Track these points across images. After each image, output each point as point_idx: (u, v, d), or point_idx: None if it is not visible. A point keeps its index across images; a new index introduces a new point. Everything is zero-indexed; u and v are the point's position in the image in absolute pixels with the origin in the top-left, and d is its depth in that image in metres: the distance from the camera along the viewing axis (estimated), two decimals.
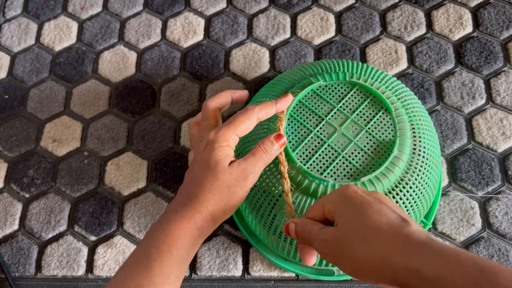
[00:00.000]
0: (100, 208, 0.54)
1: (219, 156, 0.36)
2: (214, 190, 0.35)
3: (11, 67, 0.63)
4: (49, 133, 0.58)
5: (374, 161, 0.40)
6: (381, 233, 0.28)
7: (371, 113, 0.42)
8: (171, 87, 0.60)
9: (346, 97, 0.43)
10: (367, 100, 0.43)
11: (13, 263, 0.52)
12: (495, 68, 0.57)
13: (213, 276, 0.50)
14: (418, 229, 0.27)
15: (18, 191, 0.56)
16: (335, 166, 0.40)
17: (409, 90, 0.47)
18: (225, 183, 0.35)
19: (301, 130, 0.42)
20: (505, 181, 0.52)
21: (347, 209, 0.30)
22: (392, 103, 0.42)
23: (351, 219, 0.30)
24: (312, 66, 0.47)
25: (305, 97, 0.44)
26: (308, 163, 0.41)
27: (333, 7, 0.63)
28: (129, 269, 0.34)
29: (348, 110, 0.43)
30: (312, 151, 0.41)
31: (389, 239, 0.27)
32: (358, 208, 0.30)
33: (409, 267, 0.26)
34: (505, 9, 0.60)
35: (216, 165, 0.35)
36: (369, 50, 0.60)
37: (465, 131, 0.54)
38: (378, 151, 0.41)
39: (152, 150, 0.56)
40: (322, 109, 0.43)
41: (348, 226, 0.29)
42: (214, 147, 0.36)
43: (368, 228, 0.28)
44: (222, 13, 0.64)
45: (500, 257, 0.48)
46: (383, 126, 0.42)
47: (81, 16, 0.65)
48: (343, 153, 0.41)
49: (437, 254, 0.25)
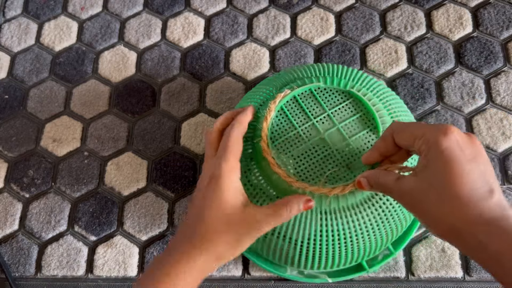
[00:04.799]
0: (100, 208, 0.54)
1: (228, 193, 0.35)
2: (223, 233, 0.34)
3: (11, 67, 0.63)
4: (49, 133, 0.58)
5: (346, 173, 0.40)
6: (459, 201, 0.28)
7: (359, 127, 0.42)
8: (171, 87, 0.60)
9: (340, 105, 0.43)
10: (360, 113, 0.42)
11: (13, 263, 0.52)
12: (495, 68, 0.57)
13: (213, 276, 0.50)
14: (498, 202, 0.28)
15: (18, 191, 0.56)
16: (306, 167, 0.40)
17: (408, 111, 0.46)
18: (236, 228, 0.34)
19: (286, 125, 0.42)
20: (505, 181, 0.52)
21: (434, 163, 0.29)
22: (383, 123, 0.41)
23: (433, 176, 0.29)
24: (310, 68, 0.47)
25: (301, 94, 0.44)
26: (282, 158, 0.41)
27: (333, 7, 0.63)
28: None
29: (338, 118, 0.42)
30: (290, 147, 0.41)
31: (465, 208, 0.28)
32: (446, 165, 0.28)
33: (475, 238, 0.27)
34: (505, 9, 0.60)
35: (227, 203, 0.34)
36: (369, 50, 0.60)
37: (465, 131, 0.54)
38: (354, 165, 0.40)
39: (152, 150, 0.56)
40: (314, 111, 0.43)
41: (428, 182, 0.29)
42: (220, 182, 0.35)
43: (448, 190, 0.28)
44: (222, 13, 0.64)
45: None
46: (367, 143, 0.41)
47: (81, 16, 0.66)
48: (318, 157, 0.41)
49: (503, 232, 0.27)
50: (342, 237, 0.40)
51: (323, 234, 0.40)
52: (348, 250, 0.42)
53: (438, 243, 0.49)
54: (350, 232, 0.40)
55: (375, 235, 0.41)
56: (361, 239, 0.41)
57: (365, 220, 0.40)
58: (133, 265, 0.51)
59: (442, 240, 0.49)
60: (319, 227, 0.39)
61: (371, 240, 0.42)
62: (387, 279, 0.48)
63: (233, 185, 0.35)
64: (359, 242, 0.41)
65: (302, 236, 0.40)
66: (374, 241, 0.42)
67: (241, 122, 0.38)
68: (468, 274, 0.48)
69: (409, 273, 0.49)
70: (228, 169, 0.35)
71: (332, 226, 0.39)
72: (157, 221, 0.53)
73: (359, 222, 0.40)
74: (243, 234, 0.34)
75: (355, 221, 0.39)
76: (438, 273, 0.48)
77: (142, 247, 0.52)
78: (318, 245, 0.41)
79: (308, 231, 0.40)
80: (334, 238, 0.40)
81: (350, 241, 0.41)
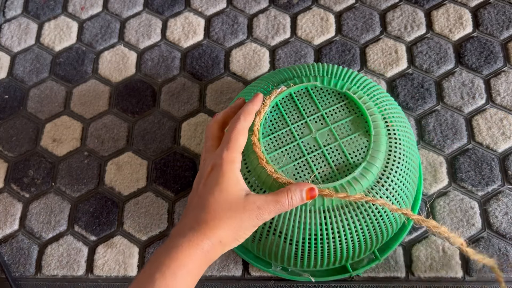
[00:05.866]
0: (100, 208, 0.54)
1: (230, 182, 0.35)
2: (226, 218, 0.34)
3: (11, 67, 0.63)
4: (49, 133, 0.58)
5: (333, 174, 0.40)
6: None
7: (351, 129, 0.42)
8: (171, 87, 0.60)
9: (335, 106, 0.43)
10: (353, 116, 0.42)
11: (13, 263, 0.52)
12: (495, 68, 0.57)
13: (213, 276, 0.50)
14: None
15: (18, 191, 0.56)
16: (295, 165, 0.40)
17: (405, 117, 0.46)
18: (238, 214, 0.35)
19: (279, 121, 0.42)
20: (505, 181, 0.52)
21: None
22: (376, 127, 0.41)
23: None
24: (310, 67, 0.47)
25: (297, 92, 0.44)
26: (271, 154, 0.41)
27: (333, 7, 0.63)
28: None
29: (331, 119, 0.42)
30: (281, 144, 0.41)
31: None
32: None
33: None
34: (505, 9, 0.60)
35: (228, 191, 0.35)
36: (369, 50, 0.60)
37: (465, 131, 0.54)
38: (342, 167, 0.40)
39: (152, 150, 0.56)
40: (308, 109, 0.43)
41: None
42: (222, 171, 0.35)
43: None
44: (222, 13, 0.64)
45: (500, 257, 0.48)
46: (357, 145, 0.41)
47: (81, 16, 0.66)
48: (307, 156, 0.41)
49: None
50: (325, 237, 0.40)
51: (306, 232, 0.40)
52: (331, 250, 0.42)
53: (438, 243, 0.49)
54: (334, 233, 0.40)
55: (358, 238, 0.41)
56: (344, 241, 0.41)
57: (349, 222, 0.40)
58: (133, 265, 0.51)
59: (442, 240, 0.49)
60: (303, 225, 0.40)
61: (354, 242, 0.42)
62: (387, 279, 0.48)
63: (234, 175, 0.36)
64: (342, 243, 0.41)
65: (286, 230, 0.40)
66: (358, 244, 0.42)
67: (248, 113, 0.39)
68: (468, 274, 0.48)
69: (409, 273, 0.49)
70: (229, 160, 0.36)
71: (316, 225, 0.40)
72: (157, 221, 0.53)
73: (342, 224, 0.40)
74: (244, 220, 0.35)
75: (338, 222, 0.40)
76: (438, 273, 0.48)
77: (142, 247, 0.52)
78: (300, 243, 0.41)
79: (292, 227, 0.40)
80: (317, 237, 0.40)
81: (332, 242, 0.41)
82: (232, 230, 0.35)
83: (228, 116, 0.41)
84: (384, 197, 0.40)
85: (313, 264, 0.44)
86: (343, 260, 0.45)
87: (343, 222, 0.40)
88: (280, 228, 0.41)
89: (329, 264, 0.45)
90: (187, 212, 0.37)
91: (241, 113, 0.38)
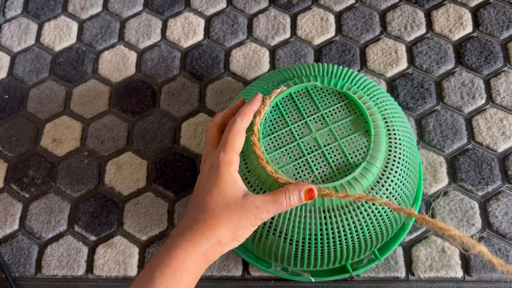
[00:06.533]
0: (100, 208, 0.54)
1: (228, 182, 0.36)
2: (225, 217, 0.35)
3: (11, 67, 0.63)
4: (49, 133, 0.58)
5: (333, 174, 0.40)
6: None
7: (351, 129, 0.42)
8: (171, 87, 0.60)
9: (335, 106, 0.43)
10: (353, 116, 0.42)
11: (13, 263, 0.52)
12: (495, 68, 0.57)
13: (213, 276, 0.50)
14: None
15: (18, 191, 0.56)
16: (295, 165, 0.40)
17: (405, 118, 0.46)
18: (236, 213, 0.35)
19: (280, 121, 0.42)
20: (505, 181, 0.52)
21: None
22: (376, 127, 0.41)
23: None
24: (310, 67, 0.47)
25: (297, 92, 0.44)
26: (271, 154, 0.41)
27: (333, 7, 0.63)
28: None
29: (331, 119, 0.42)
30: (281, 144, 0.41)
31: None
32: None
33: None
34: (505, 9, 0.60)
35: (226, 192, 0.35)
36: (369, 50, 0.60)
37: (465, 131, 0.54)
38: (342, 167, 0.40)
39: (152, 150, 0.56)
40: (308, 109, 0.43)
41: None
42: (220, 172, 0.36)
43: None
44: (222, 13, 0.64)
45: (500, 257, 0.48)
46: (357, 145, 0.41)
47: (81, 16, 0.66)
48: (307, 156, 0.41)
49: None
50: (324, 237, 0.40)
51: (306, 232, 0.40)
52: (331, 250, 0.42)
53: (438, 243, 0.49)
54: (333, 233, 0.40)
55: (358, 238, 0.41)
56: (344, 241, 0.41)
57: (349, 222, 0.40)
58: (133, 265, 0.51)
59: (442, 240, 0.49)
60: (302, 225, 0.40)
61: (354, 242, 0.42)
62: (387, 279, 0.48)
63: (231, 176, 0.36)
64: (342, 243, 0.41)
65: (286, 230, 0.40)
66: (358, 244, 0.42)
67: (245, 114, 0.39)
68: (468, 274, 0.48)
69: (409, 273, 0.49)
70: (226, 161, 0.36)
71: (316, 225, 0.40)
72: (157, 221, 0.53)
73: (342, 224, 0.40)
74: (243, 219, 0.35)
75: (338, 222, 0.40)
76: (438, 273, 0.48)
77: (142, 247, 0.52)
78: (300, 243, 0.41)
79: (292, 227, 0.40)
80: (317, 237, 0.40)
81: (332, 242, 0.41)
82: (230, 230, 0.35)
83: (227, 117, 0.41)
84: (384, 197, 0.40)
85: (313, 264, 0.44)
86: (343, 260, 0.45)
87: (343, 222, 0.40)
88: (280, 228, 0.41)
89: (329, 264, 0.45)
90: (187, 213, 0.37)
91: (238, 115, 0.39)
